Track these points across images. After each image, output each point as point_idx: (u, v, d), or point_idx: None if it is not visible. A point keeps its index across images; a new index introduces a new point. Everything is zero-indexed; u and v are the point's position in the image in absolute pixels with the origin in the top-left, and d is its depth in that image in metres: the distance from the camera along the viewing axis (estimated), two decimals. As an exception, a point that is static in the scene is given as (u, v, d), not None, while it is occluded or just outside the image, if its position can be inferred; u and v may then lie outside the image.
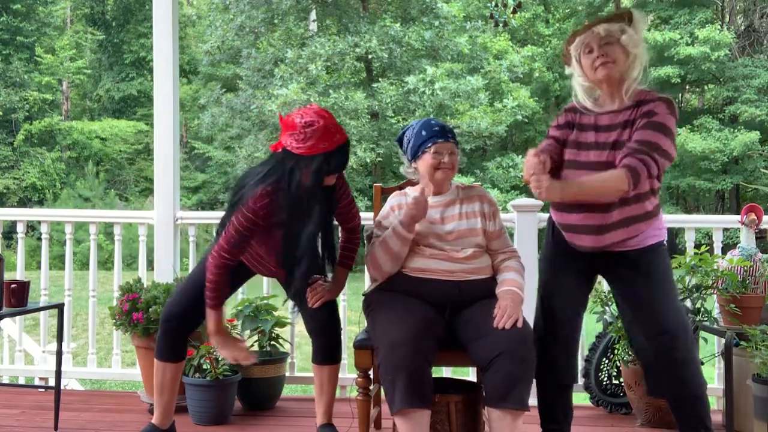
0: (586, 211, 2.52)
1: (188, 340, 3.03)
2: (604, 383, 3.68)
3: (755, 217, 3.58)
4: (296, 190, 2.61)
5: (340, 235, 3.04)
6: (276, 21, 19.83)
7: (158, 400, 3.02)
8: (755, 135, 18.77)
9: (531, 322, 2.69)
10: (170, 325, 2.93)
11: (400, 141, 2.92)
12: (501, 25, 5.31)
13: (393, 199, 2.92)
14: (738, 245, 3.46)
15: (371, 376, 2.82)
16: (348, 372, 3.99)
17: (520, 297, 2.64)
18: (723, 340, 3.17)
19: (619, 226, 2.50)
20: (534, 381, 2.55)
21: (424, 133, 2.79)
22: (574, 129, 2.63)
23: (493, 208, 2.84)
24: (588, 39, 2.56)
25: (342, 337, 4.00)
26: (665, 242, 2.64)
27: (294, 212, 2.64)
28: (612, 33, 2.52)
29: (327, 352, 3.01)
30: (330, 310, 2.99)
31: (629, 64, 2.53)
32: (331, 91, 17.87)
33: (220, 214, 4.25)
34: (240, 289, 3.94)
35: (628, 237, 2.51)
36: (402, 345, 2.43)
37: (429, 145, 2.77)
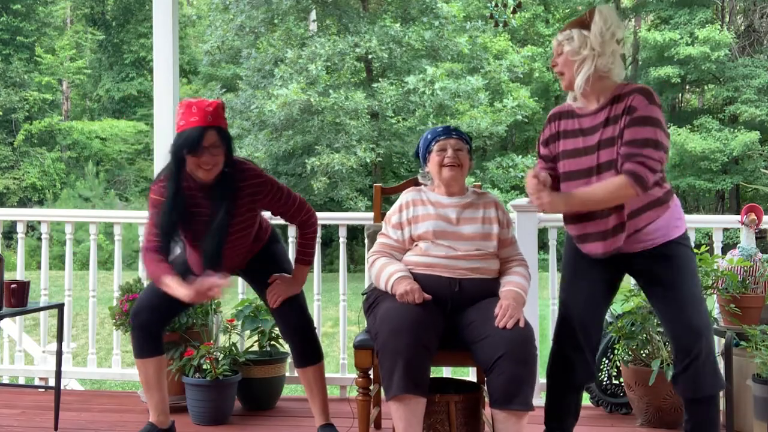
0: (588, 220, 2.54)
1: (162, 335, 3.03)
2: (604, 383, 3.68)
3: (755, 217, 3.58)
4: (171, 171, 2.73)
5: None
6: (276, 21, 19.83)
7: (149, 400, 3.03)
8: (755, 135, 18.78)
9: (529, 319, 2.68)
10: (140, 319, 2.95)
11: (417, 153, 2.96)
12: (501, 25, 5.30)
13: (408, 194, 2.87)
14: (738, 245, 3.46)
15: (371, 376, 2.82)
16: (348, 372, 3.99)
17: (522, 298, 2.65)
18: (723, 340, 3.18)
19: (627, 222, 2.48)
20: (542, 380, 2.54)
21: (429, 135, 2.86)
22: (560, 138, 2.63)
23: (507, 217, 2.86)
24: (553, 47, 2.65)
25: (342, 336, 4.02)
26: (687, 234, 2.61)
27: (170, 193, 2.73)
28: (560, 42, 2.57)
29: (305, 353, 3.01)
30: (299, 312, 2.99)
31: (575, 69, 2.53)
32: (331, 91, 17.87)
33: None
34: (240, 289, 3.95)
35: (642, 225, 2.49)
36: (403, 332, 2.44)
37: (433, 144, 2.81)
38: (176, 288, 2.68)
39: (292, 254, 3.67)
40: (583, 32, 2.52)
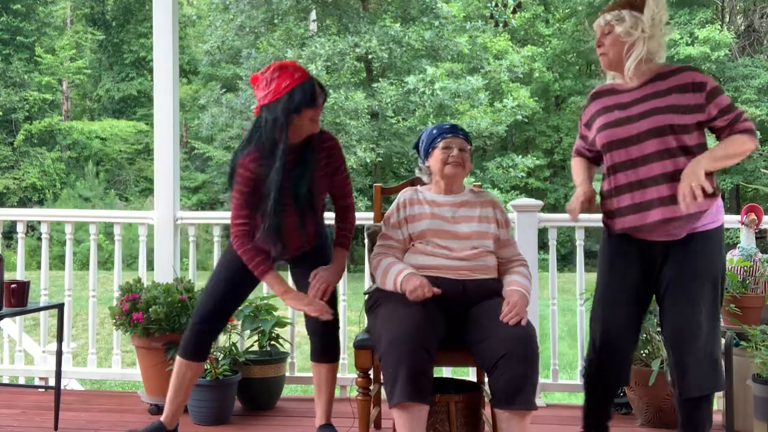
0: (636, 189, 2.51)
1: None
2: (604, 383, 3.67)
3: (755, 217, 3.58)
4: (270, 137, 2.69)
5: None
6: (276, 21, 19.84)
7: (173, 400, 3.02)
8: (755, 135, 18.77)
9: (533, 323, 2.68)
10: (202, 327, 2.95)
11: (417, 146, 2.95)
12: (501, 25, 5.30)
13: (405, 193, 2.88)
14: (738, 245, 3.46)
15: (371, 376, 2.82)
16: (348, 372, 3.99)
17: (527, 299, 2.66)
18: (723, 340, 3.17)
19: (669, 201, 2.45)
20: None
21: (435, 131, 2.86)
22: (599, 115, 2.64)
23: (505, 216, 2.86)
24: (596, 26, 2.64)
25: (342, 336, 4.02)
26: (719, 232, 2.56)
27: (271, 162, 2.70)
28: (609, 22, 2.57)
29: (325, 349, 3.02)
30: (331, 307, 2.96)
31: (625, 50, 2.55)
32: (331, 91, 17.87)
33: (221, 214, 4.28)
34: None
35: (683, 215, 2.45)
36: (405, 339, 2.43)
37: (438, 140, 2.82)
38: (282, 287, 2.79)
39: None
40: (634, 13, 2.54)
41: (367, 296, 2.87)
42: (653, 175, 2.48)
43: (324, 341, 3.01)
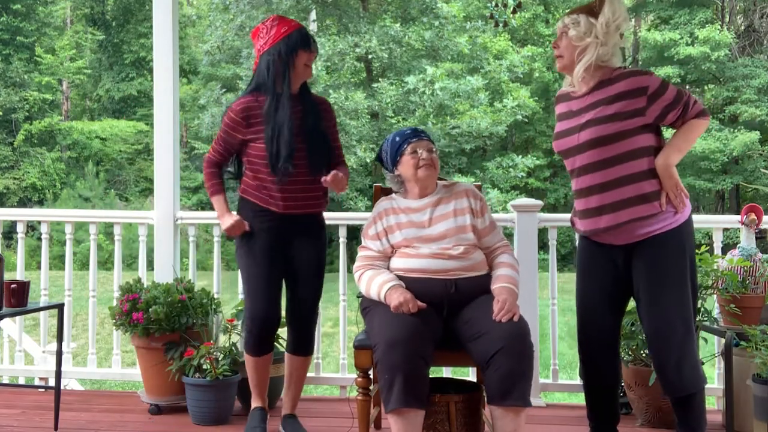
0: (584, 196, 2.60)
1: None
2: (604, 383, 3.67)
3: (755, 217, 3.58)
4: (273, 77, 2.95)
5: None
6: (276, 21, 19.82)
7: (260, 393, 3.17)
8: (755, 135, 18.79)
9: (529, 319, 2.70)
10: (256, 326, 3.07)
11: (380, 158, 2.95)
12: (501, 25, 5.29)
13: (381, 204, 2.91)
14: (738, 245, 3.46)
15: (371, 376, 2.82)
16: (348, 372, 3.99)
17: (515, 292, 2.67)
18: (723, 340, 3.17)
19: (612, 209, 2.53)
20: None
21: (397, 139, 2.87)
22: (557, 122, 2.74)
23: (481, 203, 2.85)
24: (556, 27, 2.70)
25: (341, 336, 4.02)
26: (681, 231, 2.58)
27: (278, 103, 2.93)
28: (566, 25, 2.62)
29: (299, 343, 3.13)
30: (312, 305, 3.11)
31: (576, 54, 2.59)
32: (331, 91, 17.86)
33: (220, 214, 4.27)
34: (239, 289, 3.94)
35: (627, 220, 2.52)
36: (400, 344, 2.44)
37: (405, 146, 2.83)
38: (221, 211, 3.08)
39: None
40: (590, 19, 2.57)
41: (360, 298, 2.88)
42: (594, 184, 2.55)
43: (300, 335, 3.11)
